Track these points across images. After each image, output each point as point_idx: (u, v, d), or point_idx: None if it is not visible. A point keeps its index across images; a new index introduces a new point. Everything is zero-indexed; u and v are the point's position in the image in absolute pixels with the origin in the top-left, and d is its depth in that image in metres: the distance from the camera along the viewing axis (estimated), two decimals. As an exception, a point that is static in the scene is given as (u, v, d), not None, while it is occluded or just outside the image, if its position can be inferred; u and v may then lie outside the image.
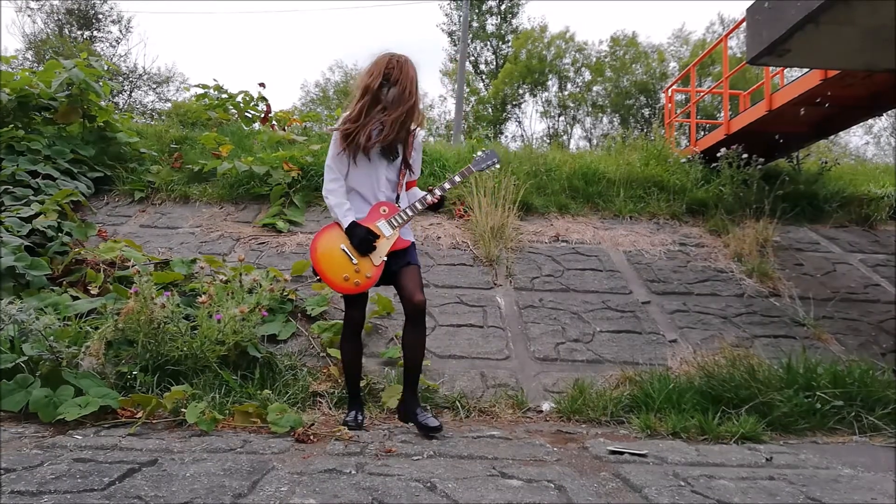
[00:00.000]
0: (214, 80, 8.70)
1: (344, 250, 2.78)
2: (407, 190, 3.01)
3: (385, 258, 2.80)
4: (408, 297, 2.81)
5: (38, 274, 3.85)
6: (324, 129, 7.63)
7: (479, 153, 3.10)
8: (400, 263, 2.86)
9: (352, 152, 2.83)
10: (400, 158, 2.90)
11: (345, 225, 2.80)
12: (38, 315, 3.23)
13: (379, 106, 2.82)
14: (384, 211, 2.86)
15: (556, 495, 2.07)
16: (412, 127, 2.90)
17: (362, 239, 2.76)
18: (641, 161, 6.93)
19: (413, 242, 2.96)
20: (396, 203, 2.91)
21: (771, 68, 6.50)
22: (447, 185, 2.97)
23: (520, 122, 30.73)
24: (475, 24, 29.96)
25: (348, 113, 2.88)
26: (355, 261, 2.77)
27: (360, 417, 2.98)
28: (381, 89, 2.80)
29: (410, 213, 2.87)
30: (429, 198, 2.87)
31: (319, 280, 2.87)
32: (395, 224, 2.84)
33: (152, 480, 2.04)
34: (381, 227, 2.82)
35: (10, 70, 6.16)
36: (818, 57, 4.45)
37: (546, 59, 28.42)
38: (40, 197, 4.88)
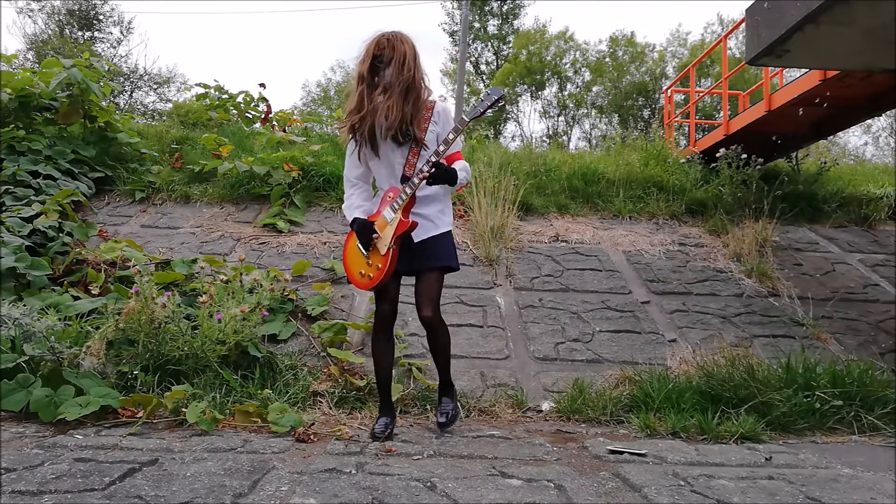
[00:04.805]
0: (215, 80, 8.70)
1: (358, 247, 2.78)
2: (451, 164, 2.76)
3: (392, 246, 2.67)
4: (418, 311, 2.78)
5: (38, 274, 3.86)
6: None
7: (479, 97, 2.92)
8: (425, 263, 2.75)
9: (362, 147, 2.73)
10: (411, 139, 2.70)
11: (349, 221, 2.82)
12: (40, 316, 3.24)
13: (378, 90, 2.65)
14: (390, 197, 2.76)
15: (556, 495, 2.08)
16: (419, 101, 2.68)
17: (357, 231, 2.76)
18: (641, 161, 6.93)
19: (447, 231, 2.81)
20: (404, 185, 2.74)
21: (770, 69, 6.50)
22: (441, 148, 2.66)
23: (519, 122, 30.74)
24: (476, 25, 29.99)
25: (349, 105, 2.74)
26: (367, 255, 2.75)
27: (389, 426, 2.78)
28: (374, 72, 2.66)
29: (409, 191, 2.68)
30: (424, 169, 2.64)
31: (349, 282, 2.95)
32: (396, 207, 2.70)
33: (153, 480, 2.05)
34: (385, 213, 2.74)
35: (10, 70, 6.17)
36: (818, 57, 4.45)
37: (546, 60, 28.41)
38: (41, 197, 4.88)
